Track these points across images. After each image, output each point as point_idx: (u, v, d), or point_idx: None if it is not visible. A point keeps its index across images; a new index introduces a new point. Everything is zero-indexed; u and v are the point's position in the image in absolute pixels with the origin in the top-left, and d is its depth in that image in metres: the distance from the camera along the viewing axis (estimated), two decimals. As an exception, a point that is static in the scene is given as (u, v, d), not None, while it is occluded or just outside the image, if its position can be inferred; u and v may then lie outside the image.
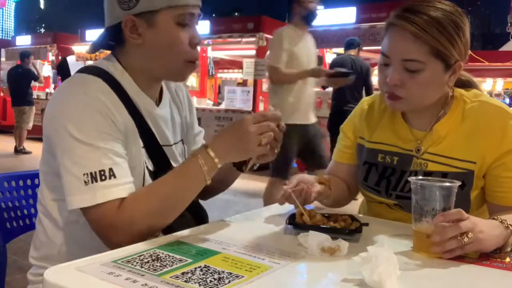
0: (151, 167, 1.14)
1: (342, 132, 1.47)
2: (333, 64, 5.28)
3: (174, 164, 1.20)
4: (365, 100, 1.45)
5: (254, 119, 1.02)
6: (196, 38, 1.12)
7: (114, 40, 1.14)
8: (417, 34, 1.12)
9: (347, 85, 4.97)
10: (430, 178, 1.04)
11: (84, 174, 0.98)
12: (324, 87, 5.76)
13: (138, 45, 1.10)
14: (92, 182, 0.98)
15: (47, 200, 1.13)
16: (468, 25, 1.18)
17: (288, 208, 1.29)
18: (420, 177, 1.05)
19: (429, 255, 0.96)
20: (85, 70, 1.12)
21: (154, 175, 1.14)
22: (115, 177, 1.00)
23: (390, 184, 1.30)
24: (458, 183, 0.99)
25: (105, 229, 1.00)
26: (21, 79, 8.28)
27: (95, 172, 0.98)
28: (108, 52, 1.19)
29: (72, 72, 1.20)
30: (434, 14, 1.13)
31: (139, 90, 1.14)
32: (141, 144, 1.12)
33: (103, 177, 0.98)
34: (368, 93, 5.11)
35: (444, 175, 1.19)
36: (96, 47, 1.19)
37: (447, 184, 0.98)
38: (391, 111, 1.34)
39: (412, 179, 1.01)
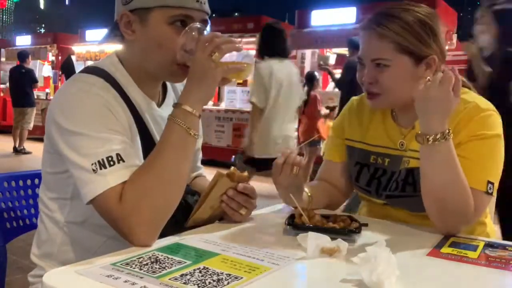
0: None
1: (333, 131, 1.49)
2: (348, 66, 5.26)
3: None
4: (354, 99, 1.49)
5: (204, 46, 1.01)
6: (190, 46, 1.06)
7: (118, 35, 1.16)
8: (381, 33, 1.22)
9: (358, 86, 4.98)
10: None
11: (92, 164, 0.97)
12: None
13: (132, 41, 1.12)
14: (101, 169, 0.97)
15: (47, 199, 1.14)
16: (440, 25, 1.25)
17: (287, 209, 1.29)
18: None
19: None
20: (85, 70, 1.13)
21: None
22: (123, 161, 0.99)
23: (381, 185, 1.32)
24: None
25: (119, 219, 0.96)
26: (23, 80, 8.24)
27: (103, 159, 0.97)
28: (111, 51, 1.21)
29: (77, 70, 1.22)
30: (400, 15, 1.22)
31: (139, 89, 1.15)
32: (139, 144, 1.12)
33: (112, 163, 0.97)
34: None
35: None
36: (104, 39, 1.22)
37: None
38: (382, 110, 1.37)
39: None
